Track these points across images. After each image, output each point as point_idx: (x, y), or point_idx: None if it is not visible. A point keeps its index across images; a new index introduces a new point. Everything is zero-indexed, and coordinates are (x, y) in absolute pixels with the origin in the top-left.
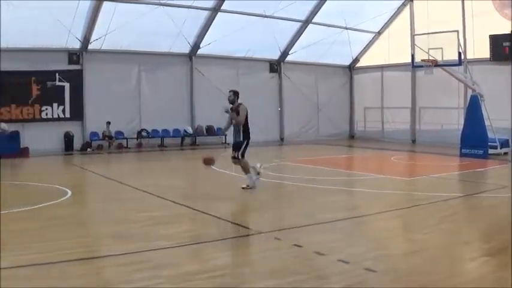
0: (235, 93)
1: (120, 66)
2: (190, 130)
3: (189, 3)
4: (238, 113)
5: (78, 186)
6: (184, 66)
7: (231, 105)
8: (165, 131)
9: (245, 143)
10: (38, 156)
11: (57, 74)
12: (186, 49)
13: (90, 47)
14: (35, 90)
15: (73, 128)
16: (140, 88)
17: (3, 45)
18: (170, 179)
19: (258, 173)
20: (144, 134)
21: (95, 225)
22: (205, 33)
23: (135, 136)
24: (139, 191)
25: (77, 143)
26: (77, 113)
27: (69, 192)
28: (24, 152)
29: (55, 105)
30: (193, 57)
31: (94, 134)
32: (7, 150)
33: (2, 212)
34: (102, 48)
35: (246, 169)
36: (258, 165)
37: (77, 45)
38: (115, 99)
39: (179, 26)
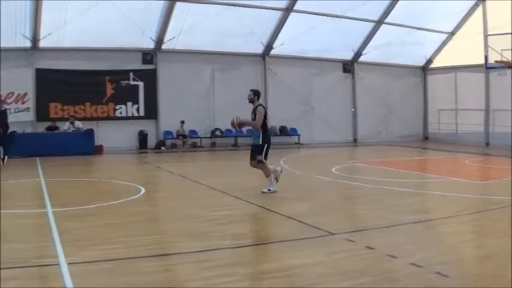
0: (256, 93)
1: (193, 65)
2: None
3: (262, 4)
4: (256, 115)
5: (151, 183)
6: (257, 66)
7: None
8: (239, 130)
9: (265, 146)
10: (112, 154)
11: (131, 74)
12: (259, 49)
13: (163, 46)
14: (110, 89)
15: (147, 126)
16: (214, 88)
17: (80, 45)
18: (243, 178)
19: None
20: (217, 133)
21: (168, 222)
22: (278, 33)
23: (209, 135)
24: (212, 189)
25: (151, 142)
26: (151, 111)
27: (143, 190)
28: (98, 150)
29: (129, 104)
30: (266, 57)
31: (168, 133)
32: (82, 148)
33: (76, 208)
34: (176, 48)
35: (267, 173)
36: (279, 168)
37: (150, 45)
38: (189, 98)
39: (252, 26)
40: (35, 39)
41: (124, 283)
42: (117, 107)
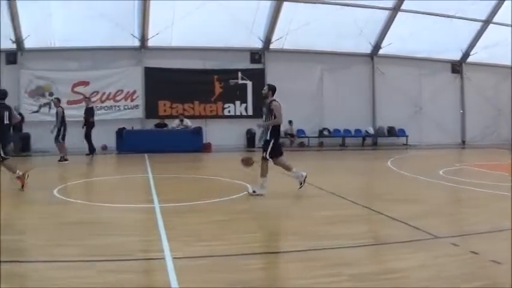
0: (271, 88)
1: (302, 65)
2: (371, 130)
3: (368, 3)
4: (271, 111)
5: (258, 182)
6: (365, 66)
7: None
8: (347, 131)
9: (272, 141)
10: (220, 152)
11: (239, 73)
12: (367, 49)
13: (271, 46)
14: (218, 88)
15: (255, 125)
16: (323, 87)
17: (188, 45)
18: (350, 179)
19: (301, 183)
20: (325, 133)
21: (272, 221)
22: (385, 33)
23: (317, 135)
24: (318, 189)
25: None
26: (259, 110)
27: (250, 188)
28: (206, 148)
29: (237, 102)
30: (374, 57)
31: None
32: (190, 145)
33: (182, 204)
34: (284, 47)
35: (287, 168)
36: (304, 173)
37: (258, 44)
38: (297, 98)
39: (360, 25)
40: (143, 38)
41: (225, 280)
42: (226, 105)
